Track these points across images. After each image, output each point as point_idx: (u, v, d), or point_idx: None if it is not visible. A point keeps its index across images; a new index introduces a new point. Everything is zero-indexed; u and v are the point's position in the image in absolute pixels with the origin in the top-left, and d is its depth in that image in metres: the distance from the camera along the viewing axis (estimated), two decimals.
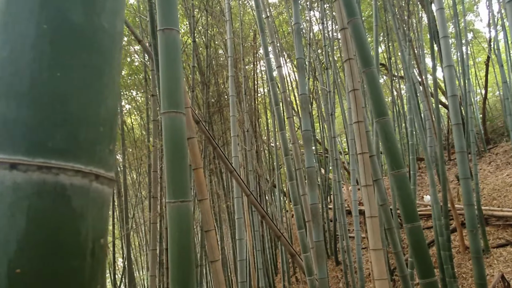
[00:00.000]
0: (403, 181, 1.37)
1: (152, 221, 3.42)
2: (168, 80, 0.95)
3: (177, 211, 0.89)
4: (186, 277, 0.84)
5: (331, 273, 7.25)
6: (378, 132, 1.44)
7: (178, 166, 0.90)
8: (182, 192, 0.90)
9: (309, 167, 2.47)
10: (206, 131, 3.30)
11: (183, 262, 0.85)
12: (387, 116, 1.43)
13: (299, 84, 2.73)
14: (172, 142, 0.92)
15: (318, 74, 7.21)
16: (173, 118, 0.93)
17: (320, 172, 8.23)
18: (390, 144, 1.39)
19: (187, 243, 0.87)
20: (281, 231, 6.28)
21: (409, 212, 1.33)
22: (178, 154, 0.91)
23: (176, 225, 0.88)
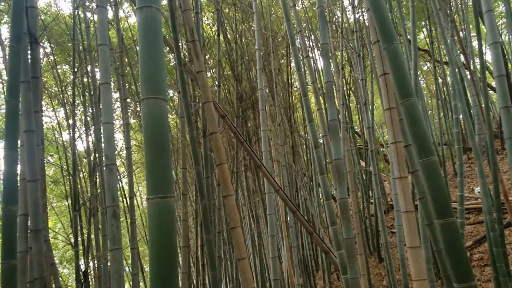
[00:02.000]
0: (434, 170, 1.19)
1: (183, 219, 3.40)
2: (146, 63, 0.86)
3: (156, 208, 0.80)
4: (164, 284, 0.75)
5: (374, 270, 6.95)
6: (403, 116, 1.27)
7: (157, 158, 0.81)
8: (162, 187, 0.81)
9: (337, 159, 2.31)
10: (232, 126, 3.22)
11: (162, 266, 0.76)
12: (412, 97, 1.25)
13: (324, 71, 2.57)
14: (151, 131, 0.83)
15: (354, 64, 6.92)
16: (152, 104, 0.84)
17: (359, 165, 7.92)
18: (417, 128, 1.22)
19: (167, 244, 0.77)
20: (315, 227, 6.11)
21: (441, 205, 1.15)
22: (158, 145, 0.82)
23: (155, 223, 0.79)
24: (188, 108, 2.81)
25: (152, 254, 0.78)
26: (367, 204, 7.51)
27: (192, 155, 2.78)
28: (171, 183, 0.83)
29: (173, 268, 0.77)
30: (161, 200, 0.81)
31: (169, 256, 0.78)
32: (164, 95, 0.86)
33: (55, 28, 5.94)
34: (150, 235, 0.79)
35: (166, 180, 0.82)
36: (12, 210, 1.72)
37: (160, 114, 0.85)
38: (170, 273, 0.77)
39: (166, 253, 0.78)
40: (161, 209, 0.80)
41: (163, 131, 0.84)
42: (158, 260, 0.78)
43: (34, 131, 2.38)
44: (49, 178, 8.00)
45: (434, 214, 1.16)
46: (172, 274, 0.77)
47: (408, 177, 2.24)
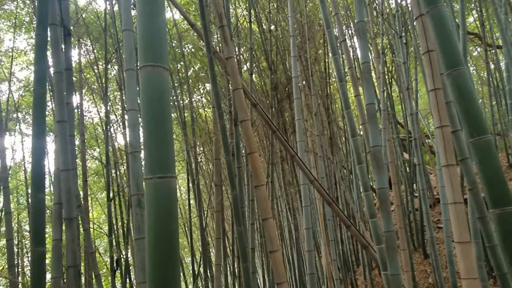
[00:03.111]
0: (487, 150, 1.01)
1: (216, 210, 3.36)
2: (145, 29, 0.76)
3: (153, 190, 0.71)
4: (163, 274, 0.66)
5: (419, 266, 6.60)
6: (450, 89, 1.10)
7: (155, 133, 0.72)
8: (160, 165, 0.72)
9: (375, 146, 2.13)
10: (264, 114, 3.11)
11: (159, 255, 0.67)
12: (461, 66, 1.07)
13: (360, 51, 2.39)
14: (148, 103, 0.74)
15: (396, 49, 6.54)
16: (149, 73, 0.74)
17: (402, 157, 7.53)
18: (467, 103, 1.04)
19: (166, 231, 0.68)
20: (355, 221, 5.87)
21: (497, 192, 0.98)
22: (156, 118, 0.73)
23: (152, 207, 0.70)
24: (218, 96, 2.74)
25: (149, 242, 0.69)
26: (411, 197, 7.14)
27: (223, 145, 2.71)
28: (171, 162, 0.74)
29: (172, 258, 0.68)
30: (159, 180, 0.72)
31: (168, 244, 0.69)
32: (164, 62, 0.77)
33: (94, 25, 6.11)
34: (148, 220, 0.71)
35: (166, 158, 0.73)
36: (40, 198, 1.72)
37: (159, 84, 0.76)
38: (169, 262, 0.68)
39: (164, 241, 0.69)
40: (159, 191, 0.71)
41: (163, 103, 0.75)
42: (156, 248, 0.69)
43: (67, 121, 2.40)
44: (92, 170, 8.33)
45: (489, 202, 0.99)
46: (171, 264, 0.68)
47: (456, 165, 2.02)
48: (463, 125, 1.08)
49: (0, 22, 6.61)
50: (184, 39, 7.47)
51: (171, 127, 0.76)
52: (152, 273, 0.68)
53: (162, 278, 0.67)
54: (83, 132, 4.64)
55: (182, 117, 6.86)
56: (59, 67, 2.46)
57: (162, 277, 0.67)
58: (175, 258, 0.69)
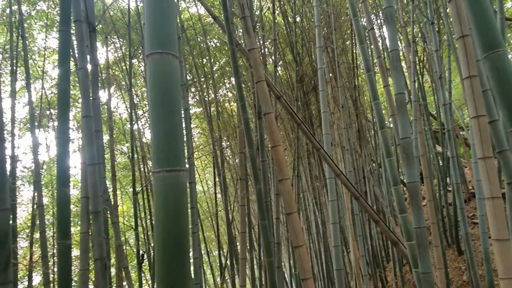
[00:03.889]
0: None
1: (241, 204, 3.33)
2: (152, 14, 0.71)
3: (162, 184, 0.67)
4: (172, 273, 0.62)
5: (453, 263, 6.35)
6: (488, 73, 1.00)
7: (163, 125, 0.68)
8: (168, 158, 0.68)
9: (404, 138, 2.03)
10: (288, 107, 3.04)
11: (168, 252, 0.64)
12: (501, 47, 0.97)
13: (389, 38, 2.27)
14: (156, 93, 0.70)
15: (428, 37, 6.26)
16: (157, 61, 0.70)
17: (434, 150, 7.24)
18: (508, 88, 0.94)
19: (175, 227, 0.65)
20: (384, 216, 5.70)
21: None
22: (165, 109, 0.69)
23: (161, 202, 0.66)
24: (241, 88, 2.70)
25: (157, 238, 0.66)
26: (444, 192, 6.85)
27: (246, 138, 2.67)
28: (180, 154, 0.70)
29: (181, 255, 0.65)
30: (168, 174, 0.68)
31: (177, 241, 0.65)
32: (173, 49, 0.73)
33: (120, 22, 6.21)
34: (156, 216, 0.67)
35: (174, 150, 0.69)
36: (65, 192, 1.74)
37: (168, 72, 0.72)
38: (178, 261, 0.64)
39: (173, 238, 0.65)
40: (167, 185, 0.68)
41: (171, 93, 0.71)
42: (164, 246, 0.65)
43: (92, 116, 2.43)
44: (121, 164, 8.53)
45: None
46: (179, 262, 0.64)
47: (493, 157, 1.89)
48: (502, 113, 0.98)
49: (33, 22, 6.85)
50: (209, 33, 7.47)
51: (180, 118, 0.72)
52: (160, 272, 0.65)
53: (171, 277, 0.64)
54: (111, 127, 4.73)
55: (208, 111, 6.88)
56: (84, 63, 2.49)
57: (171, 276, 0.64)
58: (184, 256, 0.66)
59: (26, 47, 3.46)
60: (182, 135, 0.72)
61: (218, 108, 6.36)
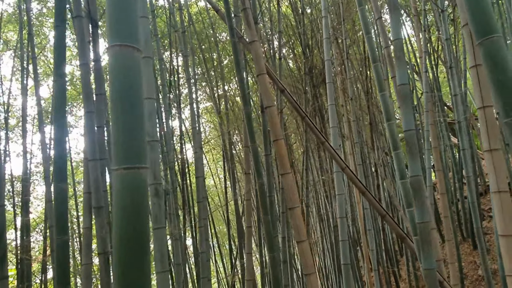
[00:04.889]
0: None
1: (246, 198, 3.32)
2: (113, 4, 0.68)
3: (120, 182, 0.65)
4: (130, 274, 0.60)
5: (467, 257, 6.21)
6: (482, 60, 0.94)
7: (122, 121, 0.65)
8: (128, 155, 0.65)
9: (408, 130, 1.96)
10: (292, 100, 2.99)
11: (126, 253, 0.61)
12: (495, 33, 0.91)
13: (391, 28, 2.19)
14: (115, 88, 0.67)
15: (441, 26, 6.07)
16: (116, 53, 0.67)
17: (449, 141, 7.06)
18: (503, 76, 0.88)
19: (133, 227, 0.62)
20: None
21: None
22: (124, 103, 0.66)
23: (118, 201, 0.64)
24: (243, 82, 2.66)
25: (115, 238, 0.64)
26: (459, 184, 6.69)
27: (248, 132, 2.64)
28: (141, 151, 0.67)
29: (140, 255, 0.62)
30: (126, 171, 0.66)
31: (136, 240, 0.63)
32: (135, 42, 0.70)
33: None
34: (114, 214, 0.65)
35: (134, 147, 0.67)
36: (62, 188, 1.74)
37: (128, 65, 0.69)
38: (136, 260, 0.62)
39: (132, 237, 0.63)
40: (125, 183, 0.65)
41: (132, 87, 0.68)
42: (122, 245, 0.63)
43: (93, 112, 2.44)
44: None
45: None
46: (138, 262, 0.62)
47: (500, 150, 1.81)
48: (497, 102, 0.92)
49: (45, 19, 6.95)
50: (218, 27, 7.43)
51: (142, 114, 0.69)
52: (117, 272, 0.62)
53: (128, 277, 0.62)
54: None
55: (218, 106, 6.87)
56: (85, 59, 2.50)
57: (129, 276, 0.62)
58: (143, 256, 0.64)
59: (33, 44, 3.50)
60: (143, 131, 0.69)
61: (228, 102, 6.34)
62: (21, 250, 4.21)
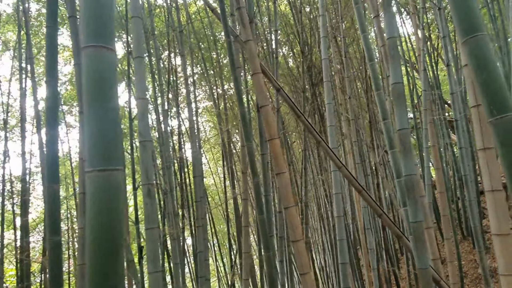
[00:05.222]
0: (511, 132, 0.84)
1: (243, 197, 3.31)
2: (88, 4, 0.68)
3: (93, 184, 0.64)
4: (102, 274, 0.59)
5: (468, 256, 6.20)
6: (467, 59, 0.93)
7: (96, 123, 0.65)
8: (101, 157, 0.65)
9: (401, 129, 1.95)
10: (288, 99, 2.98)
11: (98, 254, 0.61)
12: (479, 32, 0.90)
13: (385, 25, 2.18)
14: (89, 90, 0.66)
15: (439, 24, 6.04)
16: (90, 55, 0.66)
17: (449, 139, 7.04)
18: (487, 75, 0.87)
19: (107, 230, 0.62)
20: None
21: None
22: (98, 105, 0.65)
23: (92, 203, 0.63)
24: (237, 81, 2.66)
25: (88, 239, 0.63)
26: (460, 183, 6.67)
27: (243, 131, 2.63)
28: (115, 153, 0.67)
29: (112, 256, 0.62)
30: (100, 173, 0.65)
31: (109, 241, 0.63)
32: (109, 42, 0.69)
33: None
34: (87, 217, 0.65)
35: (108, 149, 0.66)
36: (54, 188, 1.74)
37: (102, 67, 0.68)
38: (109, 261, 0.62)
39: (105, 238, 0.63)
40: (99, 185, 0.65)
41: (106, 88, 0.68)
42: (94, 246, 0.63)
43: None
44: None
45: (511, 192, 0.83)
46: (111, 263, 0.62)
47: (494, 148, 1.80)
48: (482, 101, 0.91)
49: (44, 20, 6.95)
50: (217, 26, 7.42)
51: (116, 115, 0.69)
52: (90, 278, 0.62)
53: (100, 278, 0.61)
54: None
55: (217, 105, 6.87)
56: (79, 59, 2.50)
57: (101, 283, 0.61)
58: (116, 257, 0.63)
59: (30, 44, 3.49)
60: (117, 133, 0.69)
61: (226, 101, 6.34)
62: (20, 250, 4.22)
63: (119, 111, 0.71)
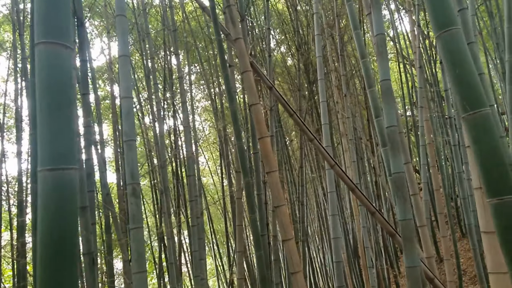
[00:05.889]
0: (484, 128, 0.83)
1: (237, 197, 3.30)
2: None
3: (43, 184, 0.63)
4: (53, 279, 0.58)
5: (466, 254, 6.18)
6: (441, 53, 0.91)
7: (47, 121, 0.63)
8: (52, 156, 0.63)
9: (390, 126, 1.93)
10: (281, 97, 2.97)
11: (49, 257, 0.59)
12: (453, 26, 0.88)
13: (373, 22, 2.16)
14: (41, 86, 0.65)
15: None
16: (43, 51, 0.65)
17: (448, 137, 7.00)
18: (460, 70, 0.86)
19: (58, 229, 0.60)
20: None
21: (496, 178, 0.80)
22: (50, 102, 0.64)
23: (42, 202, 0.62)
24: (228, 80, 2.64)
25: (39, 241, 0.62)
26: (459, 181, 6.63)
27: (234, 129, 2.62)
28: (67, 152, 0.66)
29: (64, 259, 0.60)
30: (51, 173, 0.64)
31: (59, 244, 0.61)
32: (63, 38, 0.68)
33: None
34: (38, 218, 0.63)
35: (59, 147, 0.65)
36: None
37: (55, 64, 0.67)
38: (60, 264, 0.60)
39: (55, 240, 0.61)
40: (49, 185, 0.63)
41: (59, 86, 0.66)
42: (45, 248, 0.61)
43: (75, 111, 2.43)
44: None
45: (485, 190, 0.81)
46: (62, 266, 0.60)
47: None
48: (455, 96, 0.89)
49: None
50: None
51: (70, 113, 0.68)
52: (41, 276, 0.61)
53: (51, 283, 0.60)
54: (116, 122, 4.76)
55: (215, 104, 6.86)
56: None
57: (52, 282, 0.60)
58: (68, 260, 0.62)
59: (23, 45, 3.49)
60: (70, 131, 0.67)
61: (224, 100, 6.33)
62: (17, 251, 4.23)
63: (74, 109, 0.69)
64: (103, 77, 7.59)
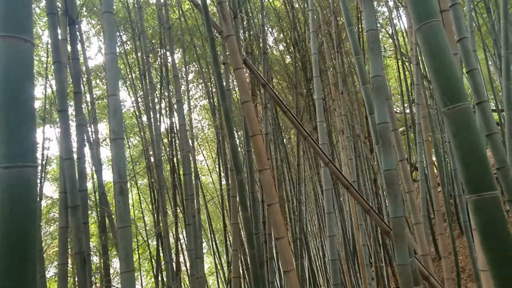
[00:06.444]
0: (464, 121, 0.81)
1: (232, 194, 3.28)
2: None
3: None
4: (8, 283, 0.56)
5: (465, 251, 6.16)
6: (421, 45, 0.89)
7: (5, 116, 0.62)
8: (8, 153, 0.61)
9: (381, 123, 1.91)
10: (274, 95, 2.95)
11: (7, 262, 0.57)
12: (433, 18, 0.86)
13: (365, 18, 2.14)
14: (4, 80, 0.63)
15: None
16: (4, 45, 0.63)
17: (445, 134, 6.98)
18: (440, 64, 0.83)
19: (13, 230, 0.58)
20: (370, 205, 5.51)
21: (476, 174, 0.78)
22: (7, 97, 0.62)
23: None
24: (220, 77, 2.62)
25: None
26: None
27: (226, 127, 2.60)
28: (25, 149, 0.64)
29: (20, 261, 0.59)
30: (6, 171, 0.62)
31: (15, 245, 0.59)
32: (22, 32, 0.66)
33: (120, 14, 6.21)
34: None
35: (16, 144, 0.63)
36: None
37: (13, 58, 0.65)
38: (15, 268, 0.59)
39: (11, 242, 0.59)
40: (4, 184, 0.61)
41: (18, 80, 0.64)
42: (1, 253, 0.60)
43: (66, 111, 2.42)
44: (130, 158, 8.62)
45: (464, 186, 0.79)
46: (18, 269, 0.58)
47: None
48: (434, 90, 0.87)
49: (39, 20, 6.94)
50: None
51: (29, 109, 0.66)
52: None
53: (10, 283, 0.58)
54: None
55: (212, 102, 6.84)
56: (58, 57, 2.47)
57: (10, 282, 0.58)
58: (25, 262, 0.60)
59: None
60: (29, 127, 0.66)
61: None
62: None
63: (33, 104, 0.68)
64: (100, 76, 7.58)
